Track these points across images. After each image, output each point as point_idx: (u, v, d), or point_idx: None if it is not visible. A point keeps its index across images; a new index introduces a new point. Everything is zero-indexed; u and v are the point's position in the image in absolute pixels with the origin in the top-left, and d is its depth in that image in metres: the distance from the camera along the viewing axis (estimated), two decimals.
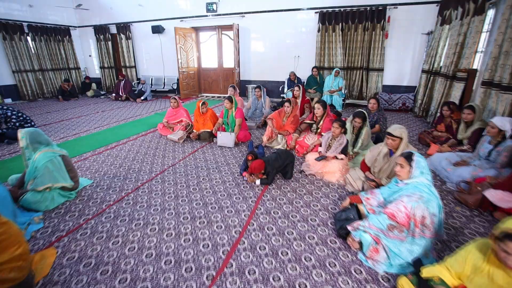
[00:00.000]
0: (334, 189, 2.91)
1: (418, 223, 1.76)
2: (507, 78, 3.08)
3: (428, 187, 1.83)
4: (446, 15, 5.21)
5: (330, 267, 1.82)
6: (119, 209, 2.56)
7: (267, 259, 1.88)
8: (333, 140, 3.30)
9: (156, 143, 4.45)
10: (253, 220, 2.34)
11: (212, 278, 1.71)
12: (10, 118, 4.56)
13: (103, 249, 2.02)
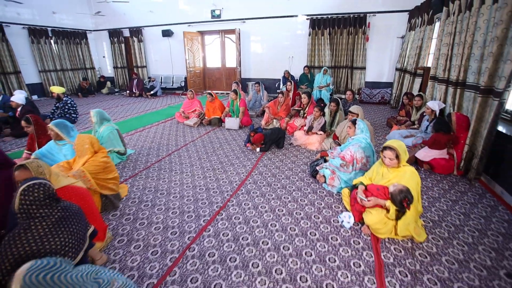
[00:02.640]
0: (313, 154, 3.98)
1: (358, 161, 2.84)
2: (441, 73, 4.15)
3: (365, 140, 2.91)
4: (412, 22, 6.31)
5: (300, 202, 2.88)
6: (157, 168, 3.63)
7: (259, 198, 2.87)
8: (314, 120, 4.38)
9: (175, 128, 5.52)
10: (250, 177, 3.39)
11: (220, 207, 2.77)
12: (69, 108, 5.63)
13: (150, 186, 3.09)
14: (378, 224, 2.09)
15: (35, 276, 1.01)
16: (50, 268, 1.05)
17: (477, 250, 2.02)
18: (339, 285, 1.73)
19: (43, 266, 1.05)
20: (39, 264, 1.05)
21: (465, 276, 1.79)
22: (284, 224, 2.35)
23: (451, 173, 3.27)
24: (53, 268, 1.06)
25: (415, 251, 2.01)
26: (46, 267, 1.05)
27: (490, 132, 2.75)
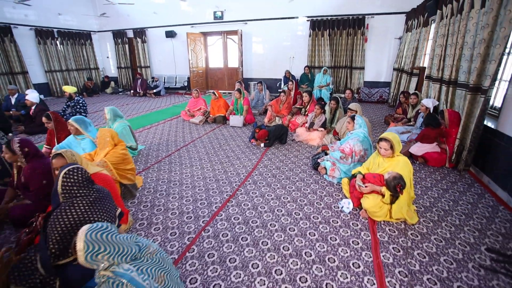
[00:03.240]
0: (314, 149, 4.21)
1: (356, 154, 3.08)
2: (435, 73, 4.38)
3: (363, 134, 3.15)
4: (409, 24, 6.55)
5: (303, 190, 3.11)
6: (168, 162, 3.85)
7: (265, 187, 3.10)
8: (315, 118, 4.61)
9: (182, 125, 5.74)
10: (256, 170, 3.62)
11: (229, 196, 3.00)
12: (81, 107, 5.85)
13: (163, 178, 3.32)
14: (375, 207, 2.32)
15: (94, 234, 1.23)
16: (104, 229, 1.28)
17: (463, 230, 2.25)
18: (339, 259, 1.96)
19: (99, 227, 1.27)
20: (95, 225, 1.28)
21: (451, 251, 2.02)
22: (289, 210, 2.58)
23: (443, 166, 3.50)
24: (106, 229, 1.28)
25: (408, 231, 2.24)
26: (102, 228, 1.27)
27: (477, 126, 2.99)
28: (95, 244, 1.23)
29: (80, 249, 1.22)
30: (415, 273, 1.82)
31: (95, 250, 1.23)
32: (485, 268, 1.86)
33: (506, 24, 2.58)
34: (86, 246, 1.22)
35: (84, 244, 1.22)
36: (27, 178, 2.44)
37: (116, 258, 1.27)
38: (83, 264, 1.24)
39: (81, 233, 1.25)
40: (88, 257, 1.22)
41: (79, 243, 1.23)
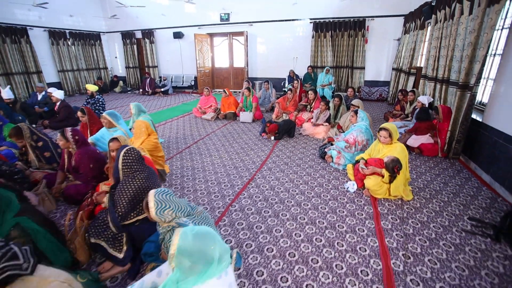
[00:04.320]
0: (320, 142, 4.62)
1: (359, 143, 3.49)
2: (430, 72, 4.79)
3: (365, 126, 3.55)
4: (407, 26, 6.96)
5: (313, 175, 3.52)
6: (188, 153, 4.26)
7: (279, 173, 3.51)
8: (320, 113, 5.02)
9: (194, 121, 6.14)
10: (269, 159, 4.04)
11: (248, 179, 3.41)
12: (100, 104, 6.23)
13: (187, 165, 3.72)
14: (376, 186, 2.73)
15: (160, 195, 1.63)
16: (167, 192, 1.68)
17: (450, 205, 2.66)
18: (347, 225, 2.37)
19: (163, 191, 1.67)
20: (160, 189, 1.68)
21: (439, 220, 2.43)
22: (302, 190, 2.99)
23: (436, 155, 3.91)
24: (168, 192, 1.68)
25: (404, 206, 2.65)
26: (165, 191, 1.67)
27: (465, 119, 3.40)
28: (162, 203, 1.64)
29: (151, 207, 1.62)
30: (409, 235, 2.23)
31: (162, 207, 1.63)
32: (466, 231, 2.26)
33: (489, 30, 2.99)
34: (156, 204, 1.62)
35: (154, 203, 1.62)
36: (77, 162, 2.84)
37: (176, 213, 1.68)
38: (153, 218, 1.64)
39: (151, 195, 1.65)
40: (158, 212, 1.62)
41: (150, 202, 1.63)
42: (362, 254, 2.03)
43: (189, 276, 1.04)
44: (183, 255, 1.02)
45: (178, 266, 1.04)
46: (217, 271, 1.07)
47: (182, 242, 1.03)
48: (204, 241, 1.05)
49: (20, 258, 1.20)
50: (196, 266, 1.02)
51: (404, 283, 1.76)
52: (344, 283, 1.77)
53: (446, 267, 1.89)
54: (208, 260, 1.03)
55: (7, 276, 1.15)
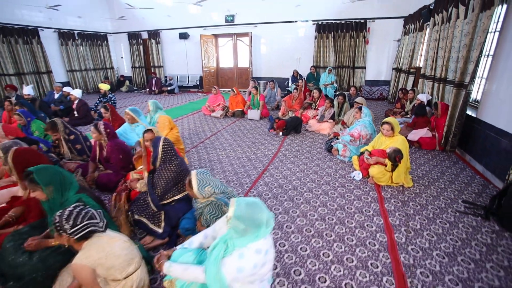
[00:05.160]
0: (325, 137, 4.91)
1: (363, 137, 3.79)
2: (429, 72, 5.09)
3: (369, 121, 3.86)
4: (407, 28, 7.27)
5: (321, 166, 3.82)
6: (203, 147, 4.55)
7: (290, 164, 3.81)
8: (325, 111, 5.32)
9: (204, 119, 6.43)
10: (279, 152, 4.33)
11: (263, 170, 3.71)
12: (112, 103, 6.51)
13: (204, 158, 4.01)
14: (379, 174, 3.02)
15: (201, 174, 1.93)
16: (205, 171, 1.97)
17: (447, 191, 2.96)
18: (355, 207, 2.66)
19: (203, 171, 1.96)
20: (200, 170, 1.97)
21: (436, 203, 2.73)
22: (312, 179, 3.28)
23: (434, 149, 4.21)
24: (206, 171, 1.98)
25: (405, 191, 2.95)
26: (204, 171, 1.97)
27: (460, 114, 3.71)
28: (202, 181, 1.93)
29: (194, 184, 1.92)
30: (410, 215, 2.53)
31: (203, 184, 1.93)
32: (460, 212, 2.57)
33: (481, 33, 3.29)
34: (198, 182, 1.92)
35: (196, 181, 1.92)
36: (109, 153, 3.13)
37: (215, 190, 1.97)
38: (195, 193, 1.93)
39: (193, 174, 1.94)
40: (200, 189, 1.91)
41: (193, 180, 1.93)
42: (369, 229, 2.33)
43: (243, 237, 1.31)
44: (238, 220, 1.29)
45: (234, 229, 1.31)
46: (265, 233, 1.35)
47: (237, 209, 1.30)
48: (254, 209, 1.32)
49: (97, 218, 1.49)
50: (249, 228, 1.30)
51: (406, 251, 2.06)
52: (355, 252, 2.07)
53: (442, 239, 2.19)
54: (258, 224, 1.31)
55: (88, 231, 1.44)
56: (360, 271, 1.88)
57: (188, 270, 1.44)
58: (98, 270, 1.40)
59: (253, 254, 1.32)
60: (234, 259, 1.32)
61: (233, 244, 1.34)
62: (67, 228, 1.38)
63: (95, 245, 1.43)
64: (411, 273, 1.85)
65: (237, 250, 1.34)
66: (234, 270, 1.31)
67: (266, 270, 1.39)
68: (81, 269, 1.36)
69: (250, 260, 1.31)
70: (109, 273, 1.45)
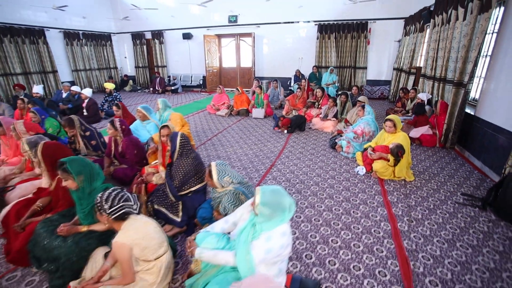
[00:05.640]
0: (329, 135, 5.07)
1: (366, 134, 3.94)
2: (429, 72, 5.25)
3: (371, 119, 4.01)
4: (407, 29, 7.43)
5: (326, 161, 3.97)
6: (211, 144, 4.70)
7: (296, 160, 3.98)
8: (328, 109, 5.48)
9: (209, 118, 6.58)
10: (285, 149, 4.48)
11: (270, 165, 3.86)
12: (117, 100, 6.65)
13: (213, 154, 4.16)
14: (382, 169, 3.18)
15: (220, 165, 2.08)
16: (224, 163, 2.13)
17: (446, 184, 3.11)
18: (360, 199, 2.82)
19: (221, 162, 2.12)
20: (219, 161, 2.13)
21: (437, 195, 2.88)
22: (318, 173, 3.44)
23: (434, 146, 4.37)
24: (225, 163, 2.13)
25: (407, 185, 3.11)
26: (222, 162, 2.12)
27: (460, 112, 3.87)
28: (222, 171, 2.09)
29: (214, 174, 2.07)
30: (412, 206, 2.68)
31: (222, 174, 2.08)
32: (459, 203, 2.72)
33: (479, 35, 3.44)
34: (218, 172, 2.07)
35: (216, 171, 2.07)
36: (124, 149, 3.28)
37: (233, 180, 2.12)
38: (215, 183, 2.09)
39: (213, 165, 2.10)
40: (219, 179, 2.07)
41: (213, 170, 2.08)
42: (374, 219, 2.48)
43: (269, 221, 1.45)
44: (264, 206, 1.42)
45: (260, 214, 1.46)
46: (288, 217, 1.49)
47: (263, 196, 1.44)
48: (278, 195, 1.46)
49: (131, 201, 1.64)
50: (274, 213, 1.43)
51: (409, 238, 2.21)
52: (361, 239, 2.22)
53: (442, 228, 2.34)
54: (282, 209, 1.44)
55: (123, 212, 1.58)
56: (366, 255, 2.04)
57: (218, 255, 1.59)
58: (134, 249, 1.55)
59: (279, 236, 1.46)
60: (262, 242, 1.46)
61: (261, 228, 1.48)
62: (106, 208, 1.53)
63: (132, 226, 1.58)
64: (414, 257, 2.01)
65: (264, 234, 1.48)
66: (263, 252, 1.44)
67: (288, 251, 1.54)
68: (121, 247, 1.51)
69: (277, 242, 1.45)
70: (143, 254, 1.60)
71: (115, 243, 1.52)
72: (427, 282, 1.79)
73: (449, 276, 1.84)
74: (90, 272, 1.78)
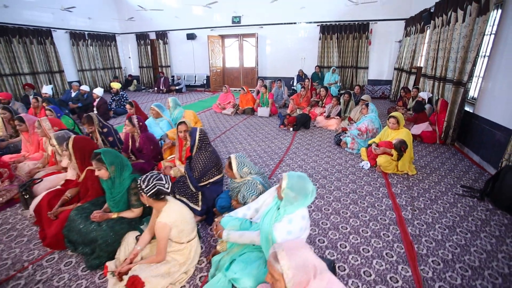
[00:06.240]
0: (333, 133, 5.25)
1: (370, 131, 4.12)
2: (429, 71, 5.43)
3: (375, 116, 4.19)
4: (408, 30, 7.62)
5: (332, 157, 4.16)
6: (220, 141, 4.87)
7: (303, 156, 4.16)
8: (332, 108, 5.66)
9: (216, 116, 6.76)
10: (292, 146, 4.66)
11: (279, 160, 4.03)
12: (124, 100, 6.82)
13: (223, 151, 4.34)
14: (386, 163, 3.36)
15: (239, 157, 2.26)
16: (242, 155, 2.31)
17: (447, 178, 3.30)
18: (365, 191, 3.00)
19: (240, 154, 2.30)
20: (238, 153, 2.31)
21: (438, 187, 3.07)
22: (325, 168, 3.62)
23: (435, 142, 4.55)
24: (243, 155, 2.32)
25: (409, 178, 3.29)
26: (241, 154, 2.31)
27: (459, 110, 4.05)
28: (241, 163, 2.27)
29: (234, 165, 2.25)
30: (415, 197, 2.87)
31: (242, 165, 2.26)
32: (458, 194, 2.90)
33: (478, 36, 3.63)
34: (237, 163, 2.25)
35: (236, 162, 2.25)
36: (141, 145, 3.45)
37: (251, 171, 2.30)
38: (235, 173, 2.27)
39: (232, 157, 2.28)
40: (239, 169, 2.25)
41: (233, 162, 2.26)
42: (380, 208, 2.66)
43: (293, 204, 1.62)
44: (290, 189, 1.59)
45: (285, 197, 1.63)
46: (309, 202, 1.67)
47: (290, 180, 1.60)
48: (303, 181, 1.63)
49: (163, 180, 1.80)
50: (298, 196, 1.60)
51: (413, 225, 2.39)
52: (368, 225, 2.40)
53: (443, 216, 2.53)
54: (305, 193, 1.61)
55: (157, 189, 1.74)
56: (374, 239, 2.22)
57: (245, 235, 1.77)
58: (173, 230, 1.72)
59: (300, 219, 1.64)
60: (284, 224, 1.63)
61: (284, 211, 1.64)
62: (143, 187, 1.70)
63: (173, 209, 1.75)
64: (417, 241, 2.19)
65: (286, 217, 1.65)
66: (285, 233, 1.61)
67: (306, 234, 1.71)
68: (164, 226, 1.68)
69: (297, 224, 1.62)
70: (179, 235, 1.77)
71: (158, 222, 1.69)
72: (430, 262, 1.97)
73: (450, 256, 2.02)
74: (123, 253, 1.96)
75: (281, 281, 1.03)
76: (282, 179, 1.63)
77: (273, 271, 1.06)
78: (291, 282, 1.01)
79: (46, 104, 4.99)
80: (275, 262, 1.06)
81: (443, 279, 1.82)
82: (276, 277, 1.05)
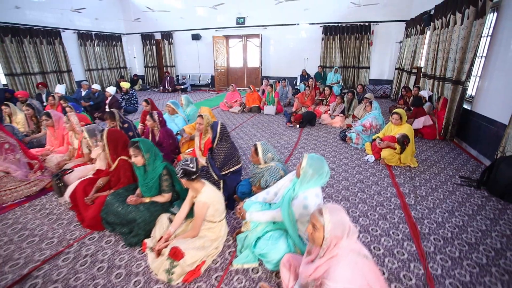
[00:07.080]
0: (337, 129, 5.49)
1: (374, 127, 4.37)
2: (429, 71, 5.69)
3: (378, 113, 4.44)
4: (409, 31, 7.88)
5: (338, 151, 4.40)
6: (233, 134, 5.11)
7: (311, 150, 4.40)
8: (336, 106, 5.91)
9: (224, 114, 7.00)
10: (299, 142, 4.91)
11: (288, 155, 4.28)
12: (134, 99, 7.06)
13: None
14: (390, 156, 3.61)
15: (264, 144, 2.51)
16: (266, 143, 2.56)
17: (446, 170, 3.55)
18: (371, 181, 3.25)
19: (263, 142, 2.55)
20: (262, 141, 2.55)
21: (438, 178, 3.32)
22: (333, 161, 3.87)
23: (435, 138, 4.81)
24: (266, 143, 2.56)
25: (412, 170, 3.54)
26: (264, 142, 2.55)
27: (458, 107, 4.31)
28: (266, 149, 2.51)
29: (260, 151, 2.50)
30: (416, 186, 3.12)
31: (266, 151, 2.51)
32: (457, 184, 3.16)
33: (475, 38, 3.88)
34: (262, 149, 2.49)
35: (262, 148, 2.50)
36: (161, 139, 3.69)
37: (274, 157, 2.55)
38: (260, 159, 2.51)
39: (258, 144, 2.53)
40: (264, 155, 2.49)
41: (259, 148, 2.51)
42: (385, 195, 2.91)
43: (309, 182, 1.86)
44: (309, 166, 1.83)
45: (303, 175, 1.87)
46: (323, 182, 1.91)
47: (310, 159, 1.84)
48: (321, 162, 1.87)
49: (188, 161, 2.02)
50: (315, 174, 1.84)
51: (416, 210, 2.64)
52: (376, 210, 2.65)
53: (443, 202, 2.78)
54: (322, 172, 1.85)
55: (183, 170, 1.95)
56: (381, 221, 2.46)
57: (266, 213, 2.01)
58: (210, 209, 1.96)
59: (314, 197, 1.89)
60: (300, 199, 1.88)
61: (299, 187, 1.90)
62: (178, 171, 1.93)
63: (211, 190, 2.00)
64: (420, 222, 2.44)
65: (301, 193, 1.90)
66: (301, 207, 1.86)
67: None
68: (203, 205, 1.92)
69: (312, 201, 1.87)
70: (213, 214, 2.01)
71: (198, 202, 1.93)
72: (432, 239, 2.22)
73: (450, 235, 2.27)
74: (158, 232, 2.20)
75: (320, 231, 1.27)
76: (303, 158, 1.88)
77: (316, 221, 1.29)
78: (329, 233, 1.25)
79: (64, 102, 5.23)
80: (319, 215, 1.29)
81: (444, 252, 2.07)
82: (318, 226, 1.28)
